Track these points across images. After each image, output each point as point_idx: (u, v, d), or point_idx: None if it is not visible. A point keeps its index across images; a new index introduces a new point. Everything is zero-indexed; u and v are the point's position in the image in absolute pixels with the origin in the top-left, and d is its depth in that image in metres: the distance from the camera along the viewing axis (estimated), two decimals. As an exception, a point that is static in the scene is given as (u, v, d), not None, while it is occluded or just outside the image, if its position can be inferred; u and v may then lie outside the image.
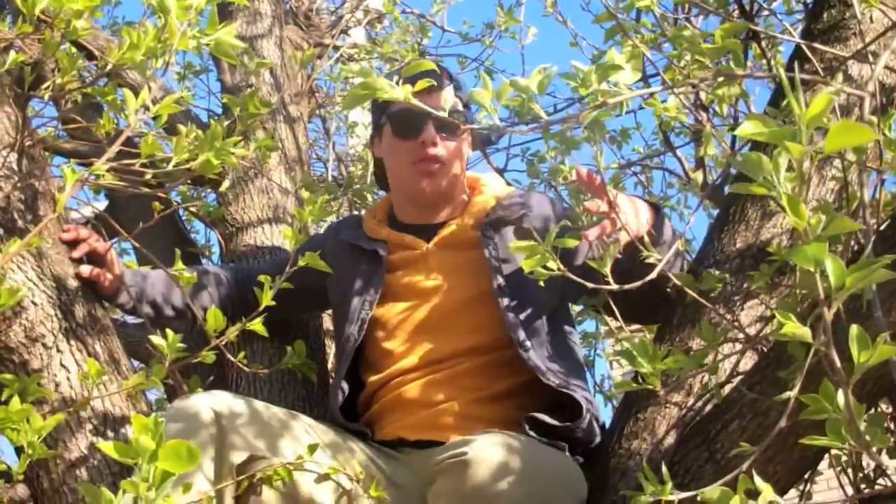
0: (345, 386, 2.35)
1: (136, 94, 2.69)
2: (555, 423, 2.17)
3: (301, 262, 2.10)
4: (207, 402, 2.06)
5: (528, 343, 2.25)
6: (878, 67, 1.28)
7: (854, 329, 0.97)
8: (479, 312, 2.32)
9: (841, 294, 0.91)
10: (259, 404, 2.14)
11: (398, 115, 2.42)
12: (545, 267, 1.60)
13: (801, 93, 0.93)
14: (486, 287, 2.31)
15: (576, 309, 2.92)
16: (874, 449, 1.04)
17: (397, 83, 1.37)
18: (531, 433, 2.13)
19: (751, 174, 0.97)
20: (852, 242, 2.03)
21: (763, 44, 2.87)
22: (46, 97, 2.30)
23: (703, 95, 2.88)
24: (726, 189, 2.96)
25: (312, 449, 2.05)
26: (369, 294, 2.39)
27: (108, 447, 1.05)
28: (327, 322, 2.96)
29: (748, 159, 0.96)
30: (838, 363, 0.95)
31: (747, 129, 0.95)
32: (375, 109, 2.54)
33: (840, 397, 1.01)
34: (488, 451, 1.89)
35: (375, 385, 2.36)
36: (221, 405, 2.06)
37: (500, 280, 2.30)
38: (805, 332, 1.00)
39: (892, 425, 2.31)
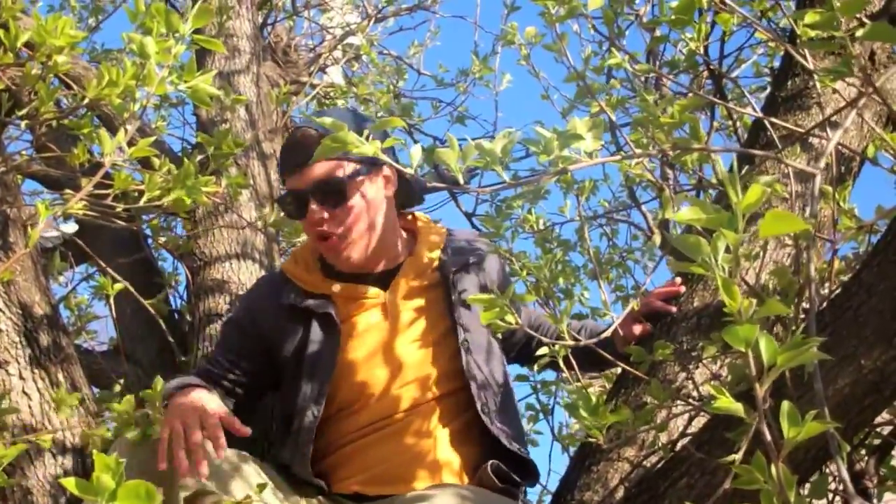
0: (308, 451, 2.26)
1: (113, 125, 2.72)
2: (516, 479, 2.22)
3: None
4: (156, 444, 2.02)
5: (488, 407, 2.27)
6: (829, 146, 1.34)
7: (785, 405, 1.02)
8: (438, 359, 2.30)
9: (772, 373, 0.96)
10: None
11: (281, 201, 2.38)
12: (503, 320, 1.64)
13: (737, 181, 0.98)
14: (443, 332, 2.32)
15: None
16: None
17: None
18: (492, 476, 2.17)
19: (690, 255, 1.02)
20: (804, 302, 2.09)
21: (730, 104, 2.94)
22: (23, 125, 2.33)
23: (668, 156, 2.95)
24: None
25: (262, 488, 2.03)
26: (327, 356, 2.29)
27: (69, 483, 1.08)
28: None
29: (687, 242, 1.01)
30: (769, 437, 0.99)
31: (685, 214, 1.00)
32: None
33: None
34: None
35: (334, 435, 2.31)
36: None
37: (462, 335, 2.30)
38: (738, 408, 1.04)
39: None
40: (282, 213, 3.33)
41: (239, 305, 2.52)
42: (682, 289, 2.36)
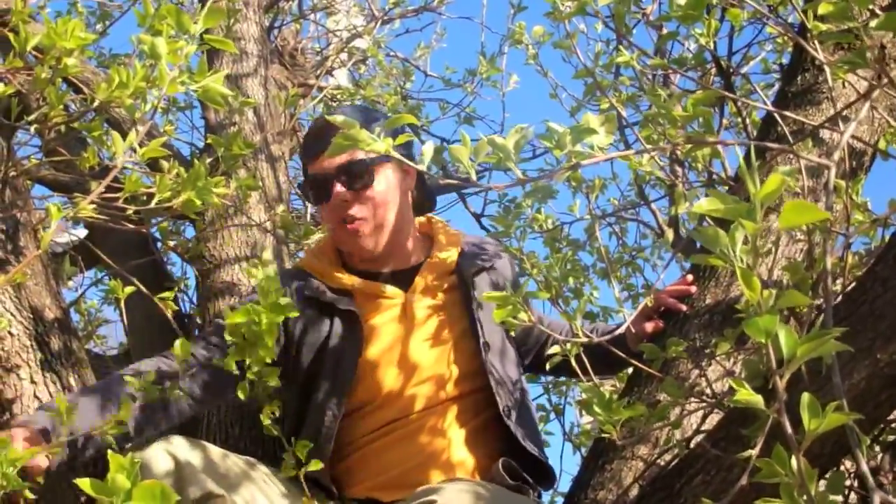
0: (328, 452, 2.21)
1: (122, 128, 2.72)
2: (529, 479, 2.21)
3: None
4: (165, 448, 2.02)
5: (508, 407, 2.26)
6: (843, 138, 1.33)
7: (805, 397, 1.01)
8: (458, 359, 2.28)
9: (792, 364, 0.96)
10: (217, 452, 2.09)
11: (307, 185, 2.35)
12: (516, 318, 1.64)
13: (756, 172, 0.98)
14: (463, 332, 2.30)
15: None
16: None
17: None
18: (503, 474, 2.15)
19: (708, 247, 1.02)
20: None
21: (741, 99, 2.94)
22: (32, 129, 2.32)
23: (678, 151, 2.94)
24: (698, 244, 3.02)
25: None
26: (350, 355, 2.26)
27: (84, 483, 1.08)
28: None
29: (705, 234, 1.01)
30: (790, 430, 0.98)
31: (705, 205, 1.00)
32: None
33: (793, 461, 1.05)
34: (457, 498, 1.90)
35: (348, 437, 2.28)
36: (179, 452, 2.02)
37: (483, 336, 2.28)
38: (758, 400, 1.04)
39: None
40: (292, 214, 3.33)
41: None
42: (694, 288, 2.34)
